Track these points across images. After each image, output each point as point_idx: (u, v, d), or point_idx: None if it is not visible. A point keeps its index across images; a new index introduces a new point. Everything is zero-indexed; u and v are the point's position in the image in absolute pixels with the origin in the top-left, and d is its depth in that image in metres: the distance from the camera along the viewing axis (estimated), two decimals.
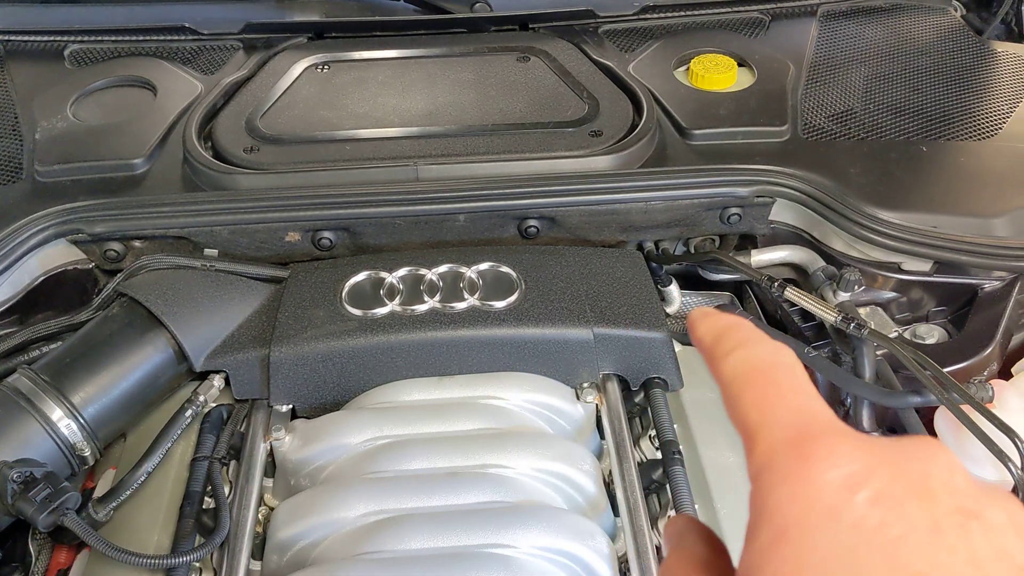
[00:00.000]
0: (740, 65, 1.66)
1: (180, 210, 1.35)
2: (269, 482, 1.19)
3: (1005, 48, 1.76)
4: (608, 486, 1.15)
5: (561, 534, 1.02)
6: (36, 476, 1.05)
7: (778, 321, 1.46)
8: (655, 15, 1.82)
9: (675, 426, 1.20)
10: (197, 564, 1.08)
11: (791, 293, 1.30)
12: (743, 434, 0.39)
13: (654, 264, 1.42)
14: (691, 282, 1.53)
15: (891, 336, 1.28)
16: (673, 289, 1.46)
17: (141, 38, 1.78)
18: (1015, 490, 1.22)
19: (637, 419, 1.26)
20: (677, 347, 1.30)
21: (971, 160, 1.47)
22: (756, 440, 0.38)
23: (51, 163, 1.45)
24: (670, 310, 1.47)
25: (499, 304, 1.23)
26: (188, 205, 1.36)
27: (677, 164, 1.44)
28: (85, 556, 1.14)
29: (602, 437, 1.21)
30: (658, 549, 1.07)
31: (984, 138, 1.51)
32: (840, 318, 1.25)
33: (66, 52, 1.75)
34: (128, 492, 1.12)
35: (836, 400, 1.41)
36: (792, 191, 1.38)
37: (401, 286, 1.26)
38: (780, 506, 0.36)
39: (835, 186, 1.37)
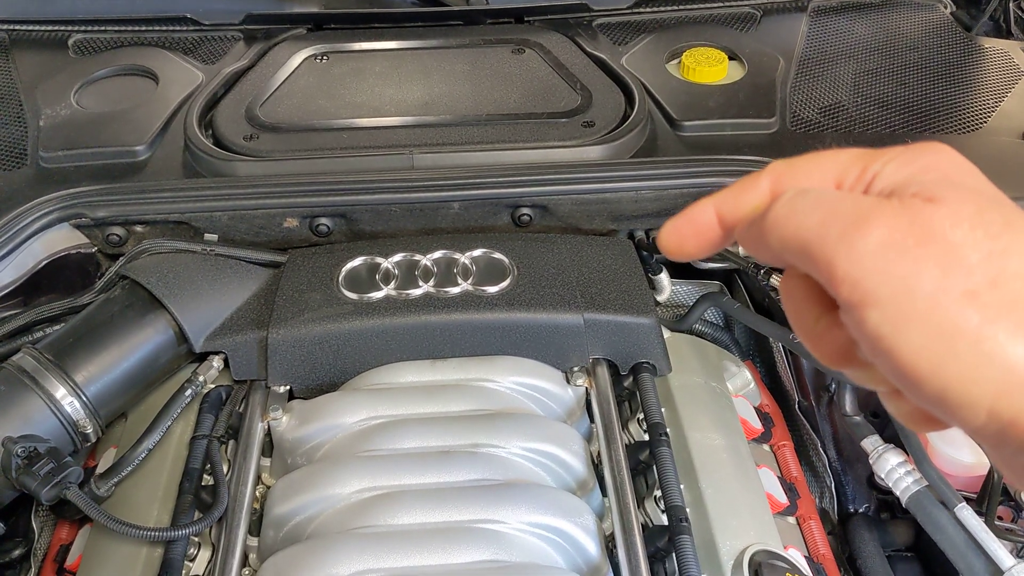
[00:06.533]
0: (731, 59, 1.68)
1: (181, 196, 1.38)
2: (267, 461, 1.22)
3: (992, 44, 1.78)
4: (596, 467, 1.18)
5: (550, 511, 1.05)
6: (39, 451, 1.08)
7: (765, 308, 1.49)
8: (648, 9, 1.85)
9: (662, 409, 1.23)
10: (196, 538, 1.11)
11: (777, 280, 1.33)
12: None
13: (644, 252, 1.45)
14: (681, 271, 1.56)
15: None
16: (663, 277, 1.48)
17: (143, 28, 1.81)
18: (991, 472, 1.25)
19: (626, 403, 1.29)
20: (666, 333, 1.34)
21: (961, 152, 1.49)
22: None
23: (55, 149, 1.48)
24: (660, 298, 1.50)
25: (492, 289, 1.26)
26: (189, 191, 1.39)
27: (667, 155, 1.47)
28: (87, 531, 1.18)
29: (591, 420, 1.24)
30: (644, 527, 1.10)
31: (968, 132, 1.54)
32: None
33: (70, 41, 1.77)
34: (129, 468, 1.15)
35: (821, 385, 1.44)
36: None
37: (396, 271, 1.29)
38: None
39: None
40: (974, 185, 0.45)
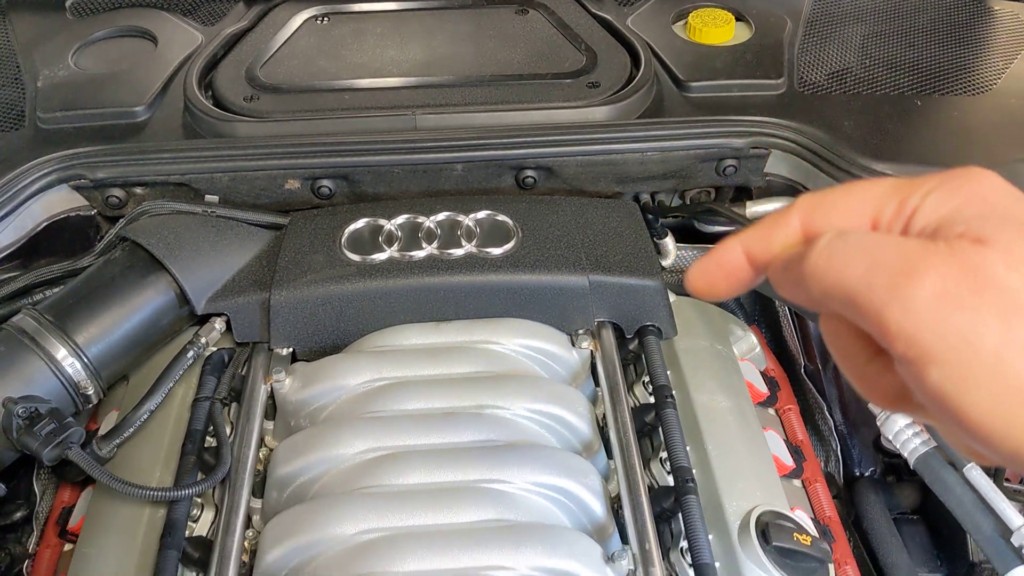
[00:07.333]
0: (738, 19, 1.66)
1: (181, 157, 1.37)
2: (270, 425, 1.21)
3: (1003, 7, 1.76)
4: (601, 430, 1.17)
5: (555, 471, 1.04)
6: (41, 412, 1.07)
7: None
8: None
9: (668, 372, 1.22)
10: (199, 500, 1.10)
11: None
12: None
13: (650, 216, 1.43)
14: (686, 236, 1.55)
15: None
16: (668, 242, 1.47)
17: None
18: None
19: (631, 366, 1.28)
20: (671, 296, 1.32)
21: (965, 114, 1.48)
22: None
23: (53, 110, 1.46)
24: (665, 263, 1.49)
25: (496, 251, 1.25)
26: (189, 152, 1.37)
27: (674, 116, 1.45)
28: (89, 494, 1.17)
29: (596, 383, 1.23)
30: (650, 489, 1.09)
31: (978, 93, 1.52)
32: None
33: (67, 3, 1.75)
34: (131, 430, 1.14)
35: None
36: (787, 142, 1.39)
37: (399, 233, 1.28)
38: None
39: (829, 138, 1.38)
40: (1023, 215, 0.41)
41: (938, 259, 0.39)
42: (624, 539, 1.04)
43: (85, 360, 1.15)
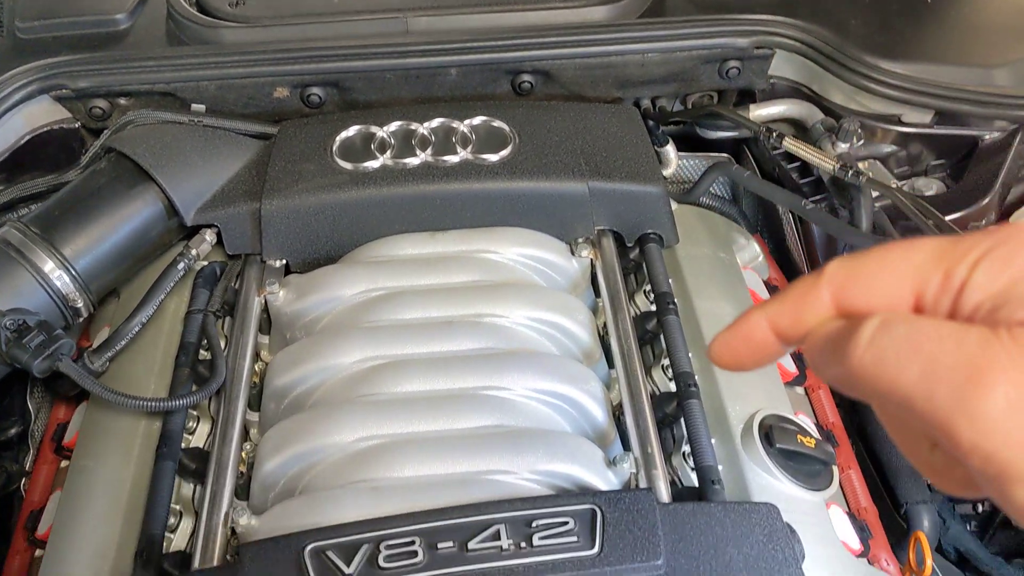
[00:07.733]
0: None
1: (166, 64, 1.32)
2: (264, 339, 1.19)
3: None
4: (603, 339, 1.15)
5: (555, 377, 1.03)
6: (29, 324, 1.05)
7: (775, 178, 1.45)
8: None
9: (670, 280, 1.19)
10: (194, 412, 1.08)
11: (790, 142, 1.28)
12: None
13: (651, 123, 1.39)
14: (688, 144, 1.51)
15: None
16: (669, 150, 1.43)
17: None
18: None
19: (632, 275, 1.25)
20: (673, 205, 1.29)
21: (974, 11, 1.44)
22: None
23: (31, 19, 1.41)
24: (666, 172, 1.45)
25: (492, 158, 1.21)
26: (174, 59, 1.33)
27: (675, 15, 1.40)
28: (83, 409, 1.15)
29: (597, 294, 1.21)
30: (652, 395, 1.07)
31: None
32: (839, 166, 1.23)
33: None
34: (123, 343, 1.12)
35: (833, 254, 1.40)
36: (792, 42, 1.34)
37: (392, 140, 1.24)
38: None
39: (836, 37, 1.34)
40: None
41: (1006, 359, 0.35)
42: (626, 446, 1.03)
43: (73, 272, 1.12)
